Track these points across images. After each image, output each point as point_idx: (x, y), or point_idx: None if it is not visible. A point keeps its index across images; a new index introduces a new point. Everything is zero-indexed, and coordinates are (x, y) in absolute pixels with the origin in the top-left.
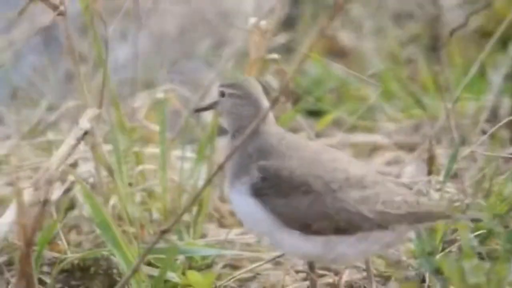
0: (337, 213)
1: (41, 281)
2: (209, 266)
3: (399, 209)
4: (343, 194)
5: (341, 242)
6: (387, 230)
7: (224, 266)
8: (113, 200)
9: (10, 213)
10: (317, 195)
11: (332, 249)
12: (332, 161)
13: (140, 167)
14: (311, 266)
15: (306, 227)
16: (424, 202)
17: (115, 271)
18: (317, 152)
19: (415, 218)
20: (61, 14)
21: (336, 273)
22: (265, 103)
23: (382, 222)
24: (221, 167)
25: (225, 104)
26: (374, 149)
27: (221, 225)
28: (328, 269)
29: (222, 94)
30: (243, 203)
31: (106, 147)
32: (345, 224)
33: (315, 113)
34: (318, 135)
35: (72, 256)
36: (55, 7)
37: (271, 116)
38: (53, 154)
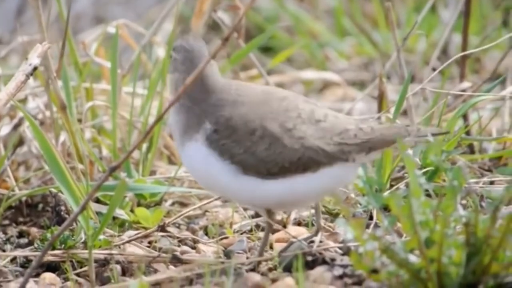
0: (296, 151)
1: None
2: (158, 203)
3: (356, 138)
4: (299, 131)
5: (304, 182)
6: (347, 162)
7: (173, 203)
8: (62, 137)
9: None
10: (274, 137)
11: (295, 190)
12: (282, 100)
13: (91, 103)
14: (269, 213)
15: (267, 171)
16: (378, 127)
17: (63, 208)
18: (266, 94)
19: (373, 144)
20: None
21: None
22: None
23: (341, 154)
24: (172, 104)
25: (173, 66)
26: (325, 86)
27: (171, 162)
28: None
29: (170, 57)
30: (197, 158)
31: (57, 83)
32: (306, 161)
33: (267, 50)
34: (270, 72)
35: (20, 193)
36: None
37: (215, 71)
38: (1, 89)
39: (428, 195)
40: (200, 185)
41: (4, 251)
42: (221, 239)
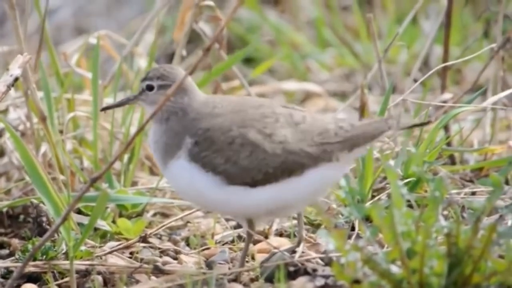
0: (279, 156)
1: None
2: (139, 214)
3: (337, 136)
4: (279, 136)
5: (291, 187)
6: (331, 162)
7: (155, 214)
8: (43, 148)
9: None
10: (254, 144)
11: (283, 196)
12: (257, 107)
13: (72, 114)
14: (250, 224)
15: (251, 179)
16: (358, 123)
17: (44, 219)
18: (241, 103)
19: (355, 141)
20: None
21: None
22: (190, 82)
23: (324, 154)
24: (153, 116)
25: (155, 97)
26: (307, 97)
27: (152, 173)
28: None
29: (150, 88)
30: (181, 174)
31: (38, 94)
32: (290, 165)
33: (249, 61)
34: (252, 83)
35: (1, 204)
36: None
37: (195, 89)
38: None
39: (410, 206)
40: (188, 201)
41: None
42: (203, 249)
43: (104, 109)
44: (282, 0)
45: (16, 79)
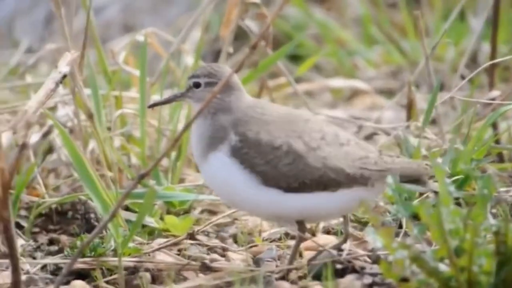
0: (318, 170)
1: (18, 225)
2: (187, 211)
3: (376, 165)
4: (323, 152)
5: (323, 200)
6: (365, 187)
7: (202, 211)
8: (91, 145)
9: None
10: (298, 154)
11: (314, 206)
12: (306, 121)
13: (120, 111)
14: (301, 225)
15: (287, 185)
16: (399, 159)
17: (92, 215)
18: (290, 115)
19: (391, 174)
20: None
21: None
22: (237, 81)
23: (361, 178)
24: (200, 112)
25: (202, 94)
26: (353, 94)
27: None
28: None
29: (197, 85)
30: (219, 167)
31: (86, 91)
32: (326, 180)
33: (295, 58)
34: (298, 80)
35: (50, 200)
36: None
37: (241, 89)
38: (31, 97)
39: (458, 204)
40: (220, 198)
41: (34, 258)
42: (251, 247)
43: (152, 106)
44: None
45: (64, 76)
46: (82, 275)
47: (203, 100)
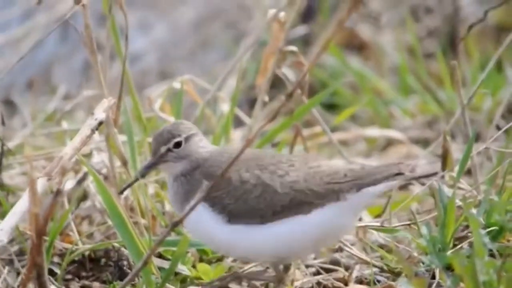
0: (287, 195)
1: (51, 272)
2: (219, 259)
3: (345, 177)
4: (290, 177)
5: (297, 226)
6: (338, 201)
7: (234, 260)
8: (126, 192)
9: (23, 203)
10: (265, 184)
11: (286, 235)
12: (273, 156)
13: None
14: (275, 267)
15: (259, 217)
16: (369, 166)
17: (125, 262)
18: (257, 153)
19: (363, 181)
20: (80, 3)
21: (347, 268)
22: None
23: (331, 193)
24: (235, 160)
25: (189, 148)
26: (389, 143)
27: None
28: (338, 264)
29: (178, 144)
30: (193, 216)
31: (121, 138)
32: (298, 203)
33: (331, 107)
34: (334, 129)
35: (83, 247)
36: None
37: (203, 139)
38: (67, 143)
39: (492, 255)
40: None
41: None
42: None
43: (122, 191)
44: (366, 47)
45: (100, 123)
46: None
47: (188, 155)
